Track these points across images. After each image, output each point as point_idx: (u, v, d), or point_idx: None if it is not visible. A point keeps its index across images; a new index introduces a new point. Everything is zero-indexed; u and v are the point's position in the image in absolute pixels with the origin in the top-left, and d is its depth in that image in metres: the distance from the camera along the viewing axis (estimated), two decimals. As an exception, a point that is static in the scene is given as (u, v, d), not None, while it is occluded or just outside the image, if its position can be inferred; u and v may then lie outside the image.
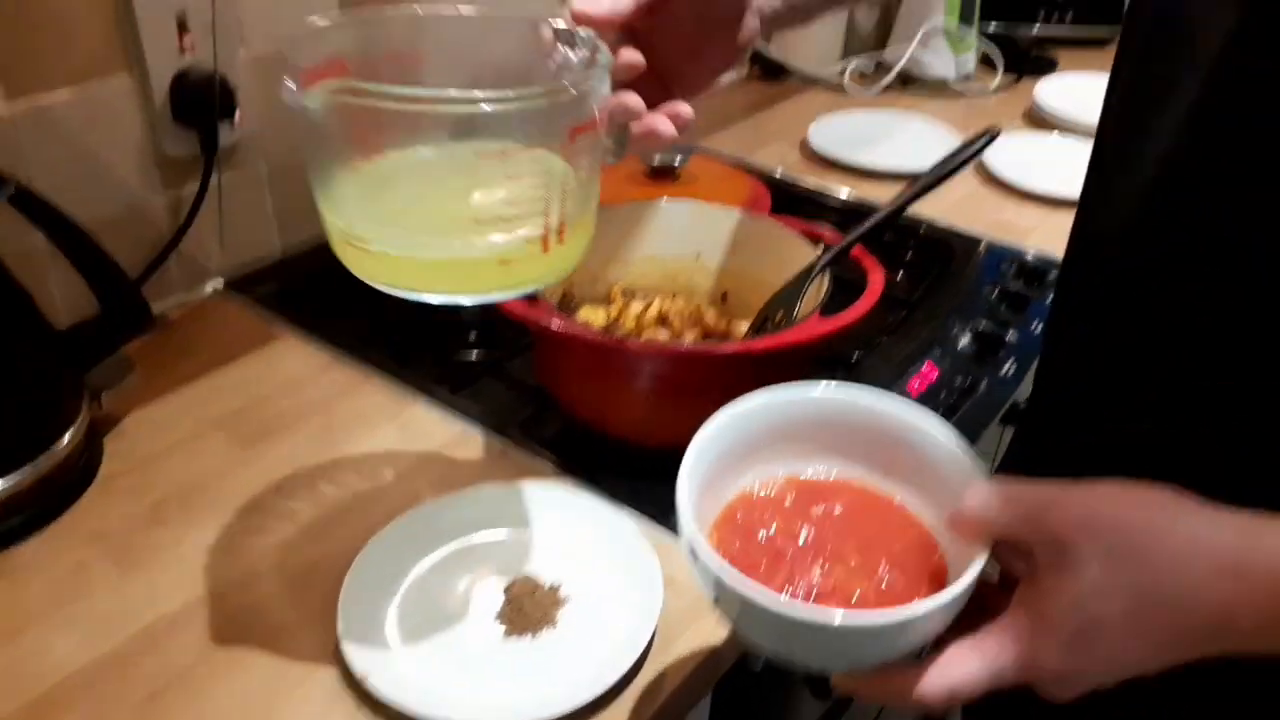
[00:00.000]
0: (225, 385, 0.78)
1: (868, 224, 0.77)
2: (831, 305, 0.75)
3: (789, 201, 1.13)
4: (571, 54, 0.52)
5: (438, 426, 0.74)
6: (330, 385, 0.78)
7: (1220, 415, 0.51)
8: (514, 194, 0.51)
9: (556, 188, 0.51)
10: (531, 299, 0.70)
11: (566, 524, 0.65)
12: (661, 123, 0.57)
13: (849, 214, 1.10)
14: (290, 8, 0.85)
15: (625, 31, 0.56)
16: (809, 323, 0.70)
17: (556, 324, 0.68)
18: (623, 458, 0.72)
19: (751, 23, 0.61)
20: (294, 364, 0.80)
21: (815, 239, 0.82)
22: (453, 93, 0.46)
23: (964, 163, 0.77)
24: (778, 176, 1.17)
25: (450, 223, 0.54)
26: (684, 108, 0.57)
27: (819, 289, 0.76)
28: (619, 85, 0.55)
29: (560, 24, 0.53)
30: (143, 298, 0.72)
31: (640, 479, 0.70)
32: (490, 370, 0.86)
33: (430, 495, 0.67)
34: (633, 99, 0.56)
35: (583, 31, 0.52)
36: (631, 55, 0.55)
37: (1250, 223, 0.47)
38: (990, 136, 0.76)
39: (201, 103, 0.79)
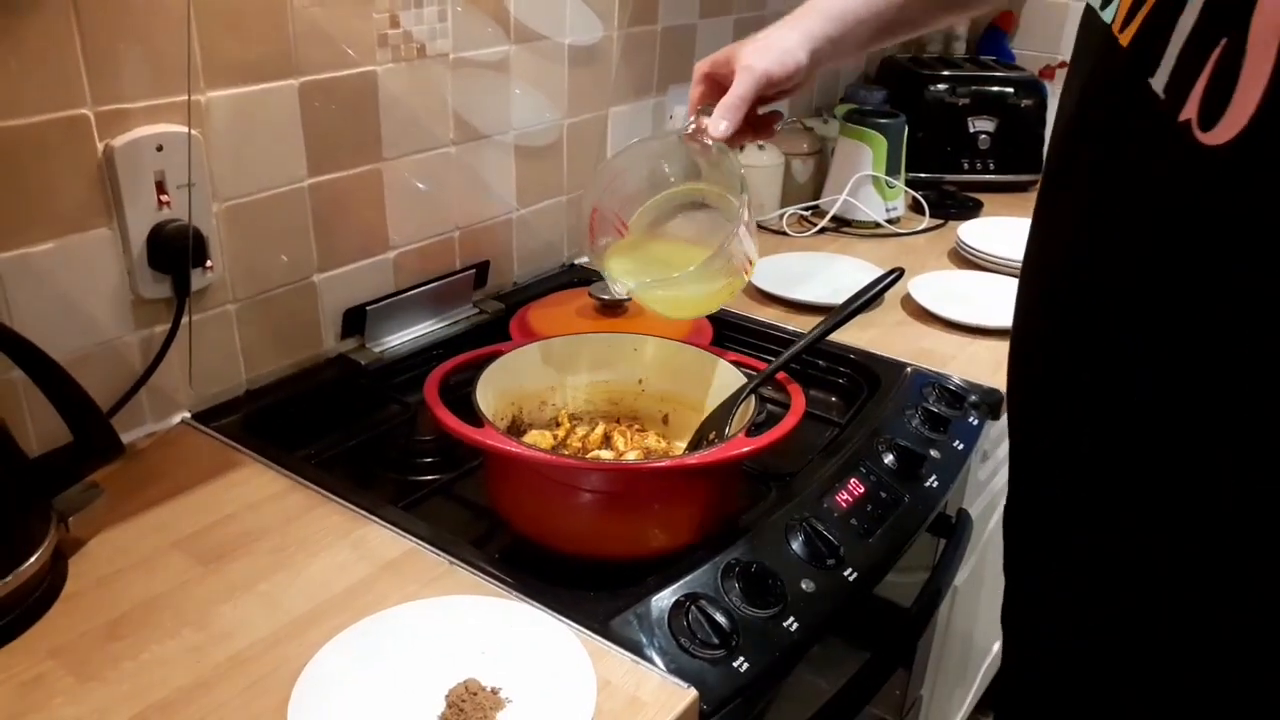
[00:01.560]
0: (187, 509, 0.82)
1: (787, 354, 0.84)
2: (768, 422, 0.81)
3: (732, 330, 1.21)
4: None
5: (388, 545, 0.78)
6: (287, 508, 0.82)
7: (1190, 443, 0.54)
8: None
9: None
10: (479, 425, 0.76)
11: (508, 633, 0.69)
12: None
13: (783, 343, 1.17)
14: (259, 167, 0.94)
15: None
16: (737, 441, 0.75)
17: (502, 444, 0.74)
18: (565, 571, 0.76)
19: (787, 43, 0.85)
20: (253, 489, 0.85)
21: (744, 367, 0.89)
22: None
23: (871, 299, 0.84)
24: (720, 311, 1.24)
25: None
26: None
27: (746, 410, 0.82)
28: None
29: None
30: (112, 429, 0.76)
31: (581, 588, 0.74)
32: (443, 491, 0.91)
33: (379, 608, 0.70)
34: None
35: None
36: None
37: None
38: (895, 275, 0.85)
39: (176, 252, 0.86)
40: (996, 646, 1.59)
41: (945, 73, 1.76)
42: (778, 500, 0.86)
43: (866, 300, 0.85)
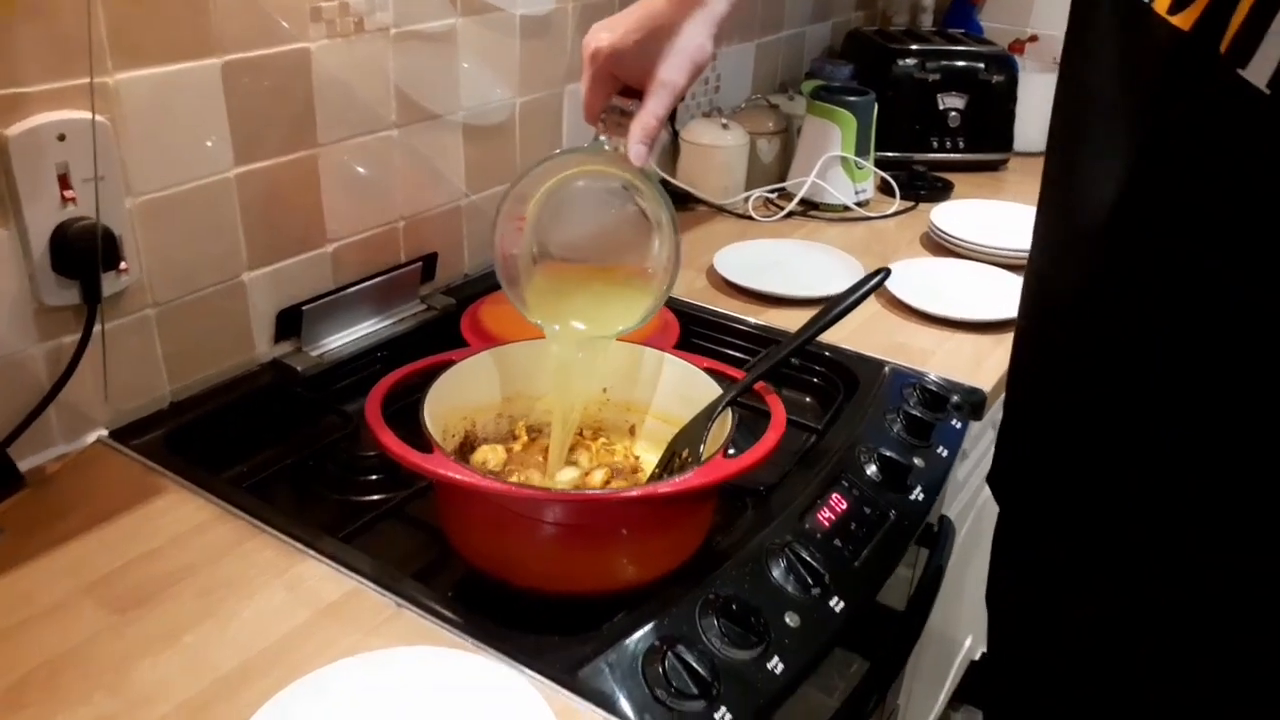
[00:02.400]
0: (101, 546, 0.73)
1: (767, 363, 0.78)
2: (742, 432, 0.74)
3: (698, 325, 1.14)
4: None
5: (328, 584, 0.71)
6: (215, 542, 0.74)
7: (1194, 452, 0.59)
8: None
9: None
10: (426, 449, 0.69)
11: (462, 690, 0.62)
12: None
13: (754, 339, 1.11)
14: (178, 156, 0.84)
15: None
16: (713, 464, 0.69)
17: (453, 472, 0.66)
18: (526, 610, 0.69)
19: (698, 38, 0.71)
20: (176, 520, 0.76)
21: (718, 375, 0.82)
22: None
23: (857, 301, 0.78)
24: (686, 303, 1.18)
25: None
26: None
27: (724, 425, 0.75)
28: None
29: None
30: (9, 458, 0.68)
31: (543, 630, 0.67)
32: (390, 514, 0.83)
33: (318, 662, 0.63)
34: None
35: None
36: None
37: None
38: (883, 275, 0.78)
39: (84, 254, 0.77)
40: (969, 641, 1.56)
41: (914, 47, 1.69)
42: (755, 520, 0.80)
43: (852, 304, 0.78)
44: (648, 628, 0.67)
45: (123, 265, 0.81)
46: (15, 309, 0.77)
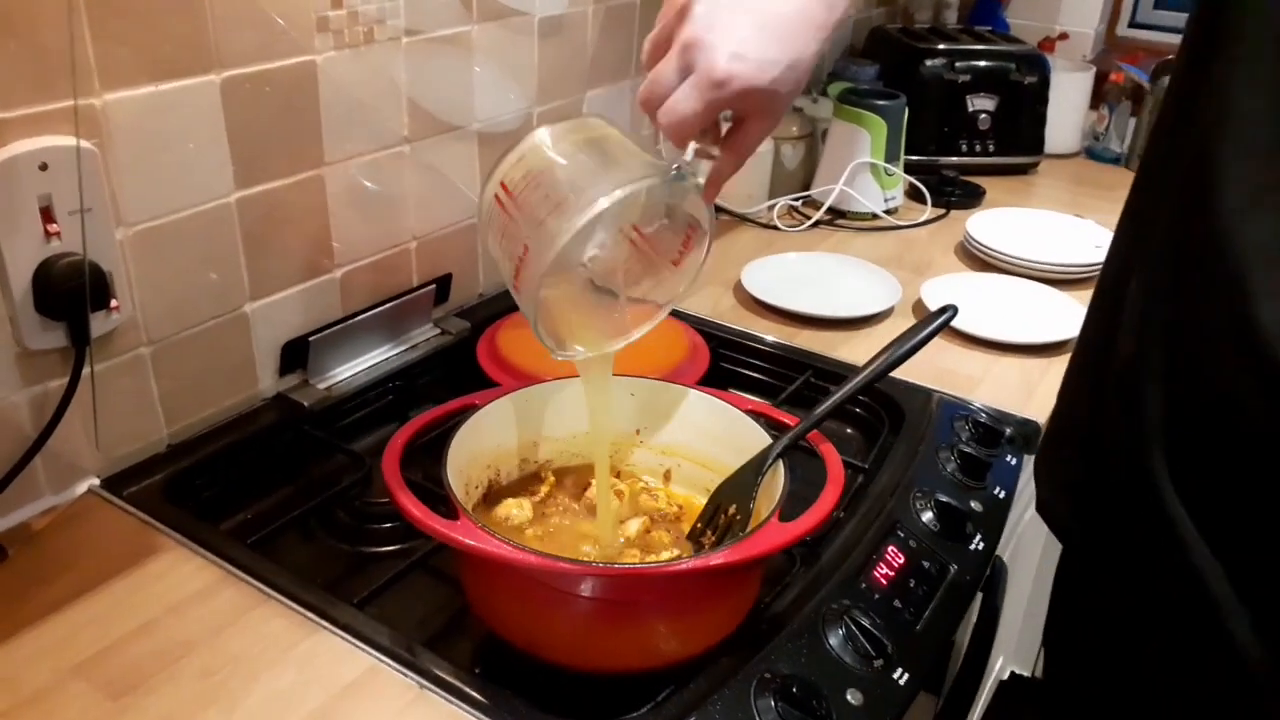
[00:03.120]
0: (92, 617, 0.66)
1: (823, 408, 0.71)
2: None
3: (727, 349, 1.08)
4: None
5: (343, 662, 0.64)
6: (217, 612, 0.67)
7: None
8: None
9: None
10: (445, 504, 0.62)
11: (498, 790, 0.55)
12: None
13: (791, 366, 1.05)
14: (173, 182, 0.77)
15: None
16: (770, 530, 0.62)
17: (484, 544, 0.59)
18: (558, 686, 0.63)
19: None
20: (174, 584, 0.69)
21: (762, 418, 0.75)
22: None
23: (922, 343, 0.71)
24: (714, 324, 1.11)
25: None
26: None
27: (775, 479, 0.69)
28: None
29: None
30: (-11, 528, 0.61)
31: (580, 715, 0.60)
32: (412, 568, 0.76)
33: (334, 759, 0.56)
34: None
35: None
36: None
37: None
38: (950, 314, 0.71)
39: (70, 293, 0.70)
40: (1000, 661, 1.50)
41: (941, 46, 1.62)
42: (806, 579, 0.73)
43: (917, 345, 0.71)
44: (697, 715, 0.60)
45: (113, 304, 0.74)
46: (-5, 355, 0.70)
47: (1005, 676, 1.55)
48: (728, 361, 1.08)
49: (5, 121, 0.66)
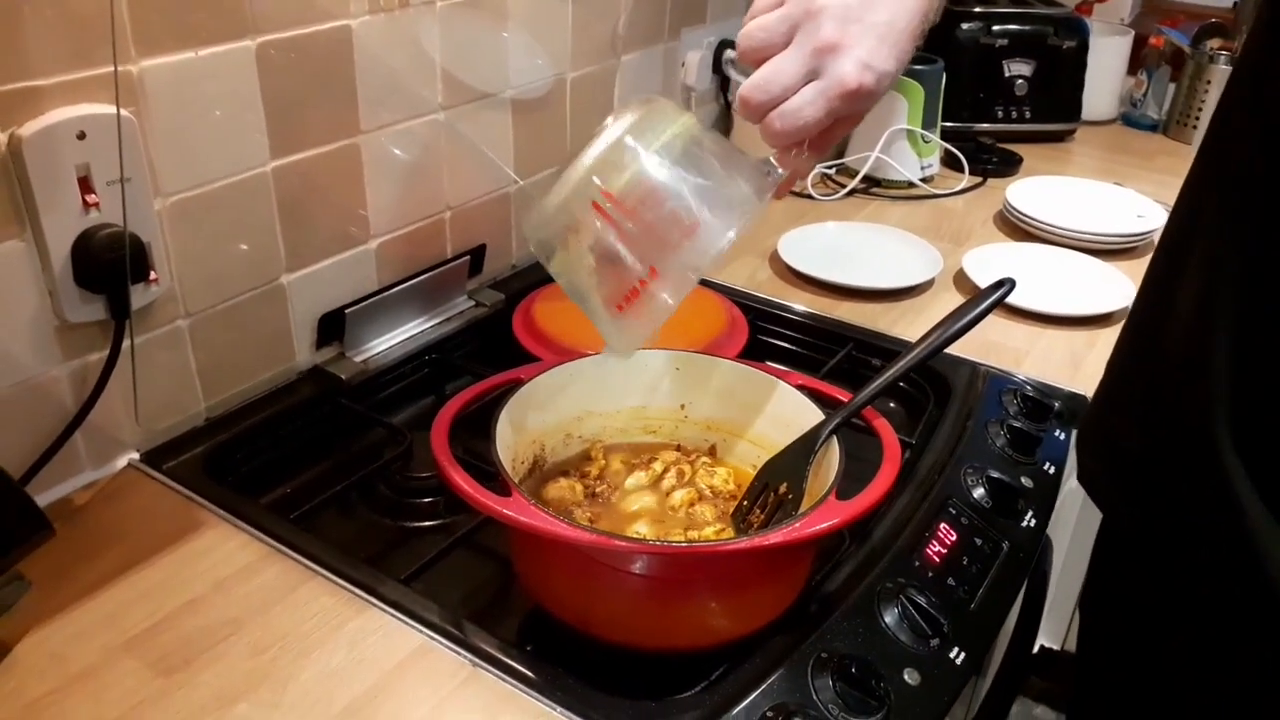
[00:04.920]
0: (139, 593, 0.66)
1: (878, 383, 0.69)
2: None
3: (765, 321, 1.06)
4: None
5: (394, 639, 0.63)
6: (264, 588, 0.67)
7: None
8: None
9: None
10: (494, 480, 0.61)
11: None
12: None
13: (831, 338, 1.03)
14: (210, 151, 0.76)
15: None
16: (827, 508, 0.60)
17: (540, 522, 0.58)
18: (611, 664, 0.62)
19: None
20: (220, 561, 0.69)
21: (811, 392, 0.73)
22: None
23: (979, 318, 0.69)
24: (751, 296, 1.09)
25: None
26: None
27: (828, 456, 0.67)
28: None
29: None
30: (33, 504, 0.60)
31: (634, 694, 0.60)
32: (457, 543, 0.75)
33: (389, 739, 0.56)
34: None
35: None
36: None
37: None
38: (1007, 288, 0.69)
39: (110, 264, 0.68)
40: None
41: (978, 9, 1.58)
42: (858, 556, 0.72)
43: (973, 320, 0.70)
44: (754, 695, 0.59)
45: (152, 276, 0.73)
46: (34, 328, 0.69)
47: (1035, 650, 1.55)
48: (765, 334, 1.06)
49: (42, 89, 0.65)
